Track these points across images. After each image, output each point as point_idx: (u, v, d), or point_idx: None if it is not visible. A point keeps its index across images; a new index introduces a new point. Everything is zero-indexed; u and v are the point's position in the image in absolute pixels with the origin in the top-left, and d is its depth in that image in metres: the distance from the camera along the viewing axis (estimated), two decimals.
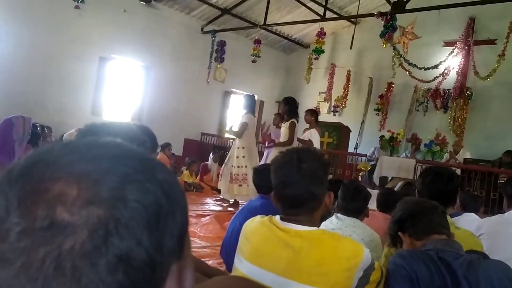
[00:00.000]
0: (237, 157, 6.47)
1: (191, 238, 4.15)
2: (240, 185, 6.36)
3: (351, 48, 9.53)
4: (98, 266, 0.35)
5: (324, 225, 2.32)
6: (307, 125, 6.64)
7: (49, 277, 0.34)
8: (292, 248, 1.30)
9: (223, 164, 6.91)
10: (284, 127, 6.24)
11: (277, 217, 1.41)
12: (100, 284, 0.35)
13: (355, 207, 2.38)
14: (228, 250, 2.62)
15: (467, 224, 2.50)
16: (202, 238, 4.27)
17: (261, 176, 2.84)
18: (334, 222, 2.28)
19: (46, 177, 0.38)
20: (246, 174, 6.29)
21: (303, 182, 1.34)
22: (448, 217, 1.84)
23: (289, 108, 6.27)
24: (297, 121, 6.34)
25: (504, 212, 2.70)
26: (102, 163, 0.40)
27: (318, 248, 1.30)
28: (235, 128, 6.55)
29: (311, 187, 1.35)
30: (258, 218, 1.47)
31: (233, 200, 6.76)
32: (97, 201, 0.37)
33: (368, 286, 1.33)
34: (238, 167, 6.41)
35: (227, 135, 10.61)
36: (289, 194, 1.35)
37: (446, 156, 7.94)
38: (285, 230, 1.35)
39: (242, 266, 1.37)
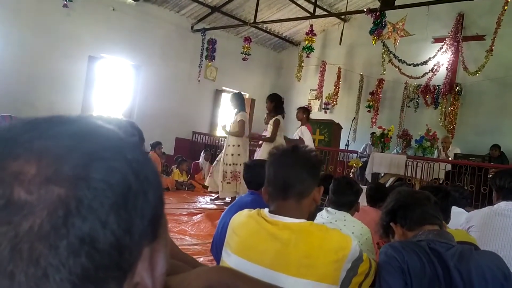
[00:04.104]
0: (232, 154, 6.39)
1: (182, 236, 4.15)
2: (229, 183, 6.34)
3: (340, 44, 9.53)
4: (58, 248, 0.33)
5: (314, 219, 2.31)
6: (299, 123, 6.64)
7: (4, 260, 0.32)
8: (280, 241, 1.28)
9: (215, 161, 6.88)
10: (270, 124, 6.25)
11: (265, 210, 1.40)
12: (60, 268, 0.33)
13: (346, 201, 2.37)
14: (219, 246, 2.59)
15: (454, 217, 2.50)
16: (193, 236, 4.24)
17: (251, 171, 2.82)
18: (324, 216, 2.27)
19: (4, 155, 0.35)
20: (240, 172, 6.23)
21: (296, 165, 1.38)
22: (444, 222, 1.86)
23: (275, 105, 6.27)
24: (283, 117, 6.34)
25: (494, 205, 2.70)
26: (65, 139, 0.37)
27: (306, 240, 1.28)
28: (228, 128, 6.49)
29: (303, 171, 1.38)
30: (246, 211, 1.46)
31: (229, 198, 6.70)
32: (58, 179, 0.35)
33: (356, 278, 1.31)
34: (230, 164, 6.37)
35: (218, 134, 10.59)
36: (282, 175, 1.38)
37: (437, 152, 7.98)
38: (273, 222, 1.33)
39: (230, 260, 1.35)
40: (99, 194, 0.35)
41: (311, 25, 9.54)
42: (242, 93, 7.30)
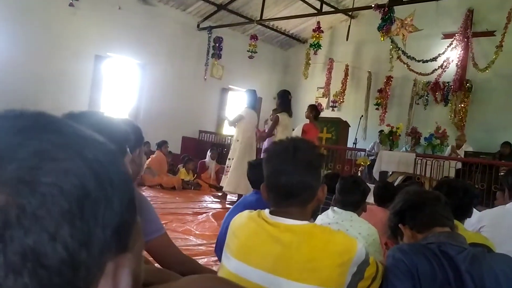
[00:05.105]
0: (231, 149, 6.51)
1: (187, 236, 4.10)
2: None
3: (347, 40, 9.42)
4: None
5: (320, 219, 2.24)
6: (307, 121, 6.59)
7: None
8: (281, 243, 1.21)
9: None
10: (271, 121, 6.28)
11: (266, 211, 1.32)
12: None
13: (352, 201, 2.30)
14: (223, 246, 2.53)
15: None
16: (198, 236, 4.18)
17: (256, 171, 2.75)
18: (331, 216, 2.20)
19: None
20: (228, 167, 6.27)
21: (298, 171, 1.26)
22: (459, 223, 1.77)
23: (281, 101, 6.24)
24: (290, 115, 6.27)
25: (506, 204, 2.62)
26: (12, 136, 0.32)
27: (309, 243, 1.21)
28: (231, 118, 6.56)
29: (307, 177, 1.27)
30: (246, 213, 1.39)
31: (236, 197, 6.65)
32: None
33: (362, 282, 1.24)
34: (229, 159, 6.42)
35: (225, 132, 10.56)
36: (283, 183, 1.26)
37: (448, 149, 7.87)
38: (274, 224, 1.26)
39: (229, 264, 1.29)
40: (47, 201, 0.30)
41: (318, 22, 9.46)
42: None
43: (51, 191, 0.30)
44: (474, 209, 2.95)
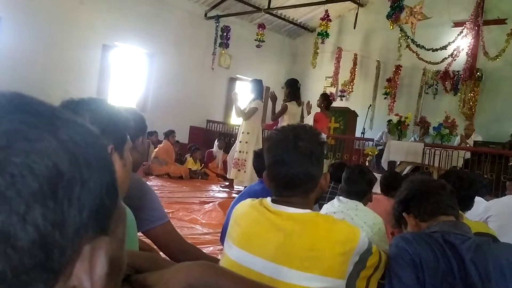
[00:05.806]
0: (240, 141, 6.43)
1: (193, 225, 4.12)
2: (239, 170, 6.32)
3: (354, 28, 9.30)
4: None
5: (326, 208, 2.23)
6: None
7: None
8: (283, 232, 1.21)
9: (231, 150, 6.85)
10: None
11: (268, 199, 1.31)
12: None
13: (358, 190, 2.28)
14: None
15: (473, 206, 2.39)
16: (204, 225, 4.21)
17: (260, 159, 2.75)
18: (336, 205, 2.19)
19: None
20: (245, 160, 6.23)
21: (299, 162, 1.23)
22: (462, 213, 1.76)
23: (290, 90, 6.21)
24: (299, 104, 6.23)
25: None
26: None
27: (311, 232, 1.20)
28: (240, 105, 6.46)
29: (308, 167, 1.25)
30: (248, 201, 1.37)
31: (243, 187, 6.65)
32: None
33: (364, 271, 1.23)
34: (240, 152, 6.36)
35: (233, 122, 10.55)
36: (284, 174, 1.24)
37: (457, 139, 7.80)
38: (276, 212, 1.25)
39: (231, 252, 1.29)
40: (16, 181, 0.29)
41: (326, 11, 9.37)
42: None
43: (21, 171, 0.30)
44: (482, 199, 2.93)
